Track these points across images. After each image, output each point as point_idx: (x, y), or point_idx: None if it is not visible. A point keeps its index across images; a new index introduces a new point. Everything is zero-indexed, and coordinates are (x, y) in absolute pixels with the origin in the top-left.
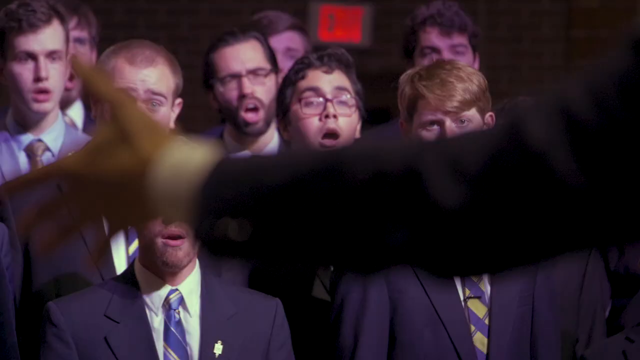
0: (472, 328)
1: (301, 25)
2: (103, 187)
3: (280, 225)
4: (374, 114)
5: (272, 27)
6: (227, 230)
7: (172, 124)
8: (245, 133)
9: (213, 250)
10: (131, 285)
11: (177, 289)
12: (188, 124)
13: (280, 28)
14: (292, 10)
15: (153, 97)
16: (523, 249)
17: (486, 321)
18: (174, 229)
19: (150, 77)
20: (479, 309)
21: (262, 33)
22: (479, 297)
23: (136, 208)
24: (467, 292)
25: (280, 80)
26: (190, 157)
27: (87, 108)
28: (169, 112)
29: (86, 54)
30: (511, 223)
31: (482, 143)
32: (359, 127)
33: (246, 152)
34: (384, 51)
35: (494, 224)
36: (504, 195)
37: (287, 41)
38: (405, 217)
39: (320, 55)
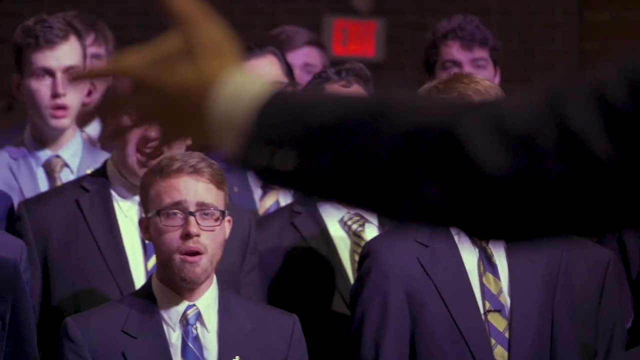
0: (493, 341)
1: (319, 41)
2: (161, 96)
3: (325, 161)
4: None
5: (290, 42)
6: (275, 159)
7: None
8: None
9: (261, 176)
10: (149, 300)
11: (194, 305)
12: None
13: (298, 43)
14: (305, 24)
15: None
16: (554, 220)
17: (506, 334)
18: (191, 245)
19: None
20: (499, 322)
21: (280, 48)
22: (499, 311)
23: (190, 124)
24: (487, 305)
25: None
26: (250, 84)
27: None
28: None
29: None
30: (546, 193)
31: (524, 112)
32: None
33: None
34: (398, 65)
35: (530, 192)
36: (541, 165)
37: (305, 56)
38: (441, 176)
39: (339, 69)
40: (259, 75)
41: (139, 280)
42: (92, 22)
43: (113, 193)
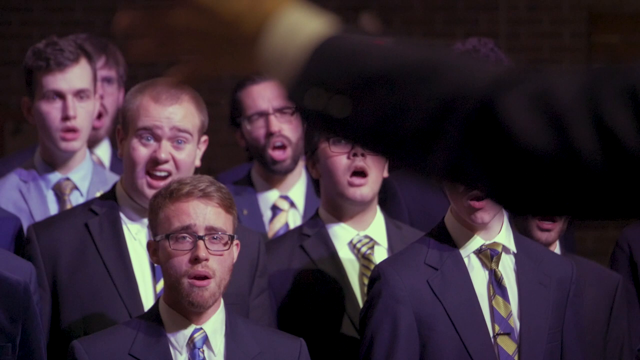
0: None
1: None
2: (215, 22)
3: (366, 110)
4: None
5: None
6: (321, 102)
7: (198, 162)
8: (273, 171)
9: (304, 116)
10: (156, 323)
11: (201, 328)
12: (210, 161)
13: None
14: None
15: (179, 134)
16: (586, 201)
17: (515, 357)
18: (200, 269)
19: (176, 114)
20: (508, 345)
21: None
22: (508, 334)
23: (241, 54)
24: (497, 328)
25: None
26: (307, 22)
27: (115, 147)
28: (194, 150)
29: (114, 93)
30: (579, 175)
31: (568, 94)
32: (386, 165)
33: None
34: None
35: (564, 172)
36: (577, 148)
37: None
38: (474, 144)
39: None
40: (316, 14)
41: (148, 303)
42: (103, 45)
43: (122, 216)
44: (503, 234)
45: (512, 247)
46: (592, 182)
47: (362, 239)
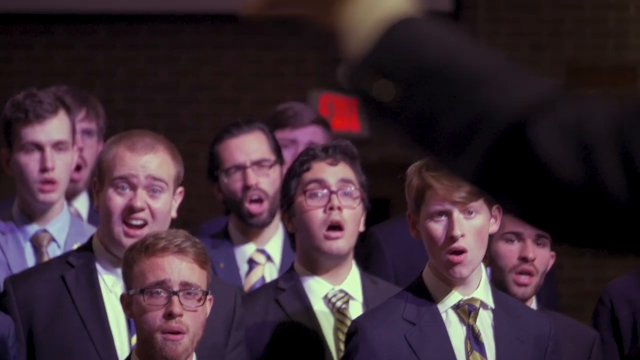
0: None
1: (325, 120)
2: None
3: (416, 104)
4: (373, 204)
5: (298, 120)
6: (376, 86)
7: (174, 213)
8: (250, 224)
9: (356, 95)
10: None
11: None
12: (189, 213)
13: (305, 121)
14: (292, 99)
15: (154, 183)
16: (611, 234)
17: None
18: (174, 325)
19: (151, 163)
20: None
21: (287, 124)
22: None
23: (327, 4)
24: None
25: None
26: (384, 2)
27: (93, 199)
28: (170, 200)
29: (93, 145)
30: (604, 207)
31: (602, 125)
32: (363, 218)
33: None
34: (383, 141)
35: (590, 202)
36: (604, 181)
37: (311, 134)
38: (501, 164)
39: (325, 147)
40: None
41: (123, 356)
42: (84, 98)
43: (98, 268)
44: (481, 290)
45: (490, 302)
46: (615, 216)
47: (337, 293)
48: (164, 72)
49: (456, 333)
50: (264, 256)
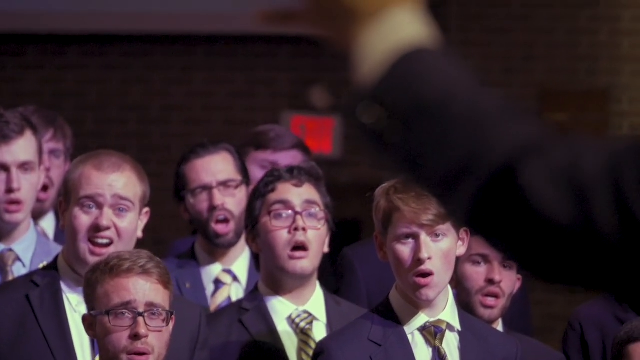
0: None
1: (305, 146)
2: None
3: (412, 141)
4: (344, 225)
5: (280, 142)
6: (372, 117)
7: (140, 233)
8: (216, 244)
9: (356, 126)
10: None
11: None
12: (159, 233)
13: (287, 145)
14: (264, 120)
15: (120, 202)
16: (602, 274)
17: None
18: (140, 346)
19: (118, 182)
20: None
21: (268, 146)
22: None
23: (345, 26)
24: None
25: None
26: (405, 27)
27: (59, 218)
28: (136, 220)
29: (61, 166)
30: (595, 248)
31: (593, 166)
32: (327, 240)
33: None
34: (355, 162)
35: (580, 243)
36: (596, 222)
37: (291, 158)
38: (489, 206)
39: (290, 168)
40: (419, 19)
41: None
42: (51, 118)
43: (63, 287)
44: (448, 312)
45: (457, 324)
46: (607, 256)
47: (300, 314)
48: (135, 92)
49: (422, 355)
50: (230, 276)
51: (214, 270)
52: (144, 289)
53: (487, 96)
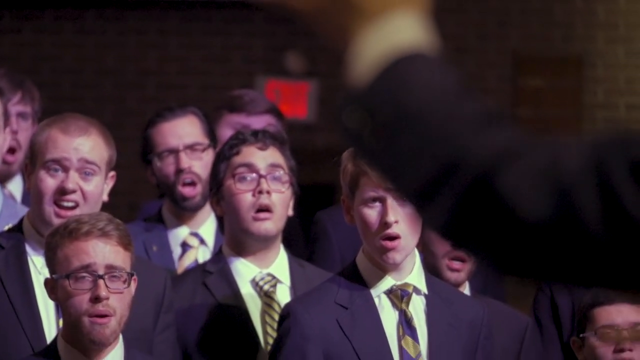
0: None
1: (279, 111)
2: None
3: (391, 150)
4: (319, 190)
5: (253, 106)
6: (364, 128)
7: (105, 197)
8: (183, 208)
9: (343, 129)
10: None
11: None
12: (135, 197)
13: (260, 109)
14: (238, 85)
15: (86, 165)
16: (587, 270)
17: None
18: (101, 308)
19: (84, 145)
20: None
21: (242, 109)
22: None
23: (344, 23)
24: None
25: None
26: (401, 32)
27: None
28: (102, 183)
29: (28, 129)
30: (579, 245)
31: (574, 164)
32: (292, 203)
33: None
34: (329, 127)
35: (563, 241)
36: (580, 219)
37: (265, 123)
38: (468, 214)
39: (255, 132)
40: (418, 25)
41: (51, 337)
42: (19, 81)
43: (28, 249)
44: (415, 275)
45: (424, 288)
46: (595, 252)
47: (264, 277)
48: (110, 57)
49: (388, 318)
50: (197, 239)
51: (181, 233)
52: (103, 251)
53: (468, 104)
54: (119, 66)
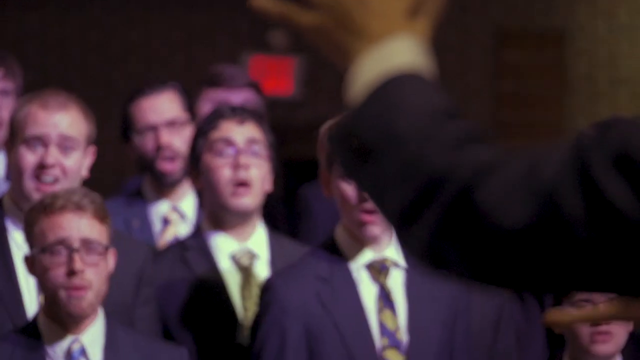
0: None
1: (258, 86)
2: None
3: (373, 173)
4: (304, 165)
5: (232, 81)
6: (352, 149)
7: (85, 172)
8: (163, 183)
9: (335, 149)
10: (33, 336)
11: (78, 339)
12: (123, 173)
13: (239, 84)
14: (223, 61)
15: (65, 141)
16: (572, 274)
17: None
18: (76, 281)
19: (64, 121)
20: (396, 358)
21: (221, 85)
22: (396, 347)
23: (345, 44)
24: (385, 341)
25: None
26: (397, 55)
27: None
28: (81, 158)
29: (10, 104)
30: (564, 248)
31: (553, 168)
32: (270, 178)
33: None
34: (315, 102)
35: (546, 246)
36: (564, 222)
37: (243, 98)
38: (450, 233)
39: (233, 107)
40: (416, 49)
41: (32, 313)
42: (0, 58)
43: (8, 225)
44: (393, 249)
45: (402, 261)
46: (582, 253)
47: (243, 251)
48: (95, 33)
49: (367, 291)
50: (177, 214)
51: (162, 208)
52: (78, 224)
53: (450, 125)
54: (104, 42)
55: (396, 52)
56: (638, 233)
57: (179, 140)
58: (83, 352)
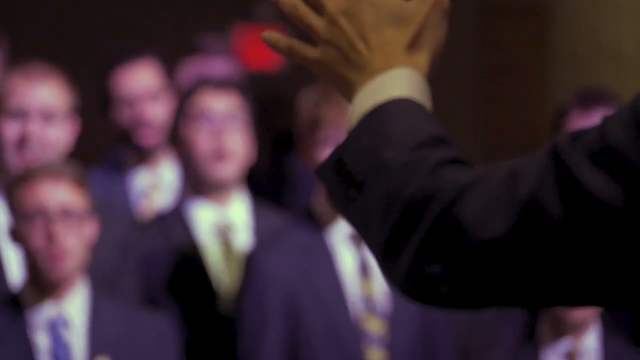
0: (370, 343)
1: (239, 58)
2: (347, 37)
3: (358, 206)
4: (290, 139)
5: (214, 51)
6: (341, 183)
7: (69, 142)
8: (143, 153)
9: (325, 180)
10: (14, 304)
11: (60, 307)
12: (101, 143)
13: (220, 54)
14: (210, 31)
15: (48, 112)
16: (558, 285)
17: (383, 337)
18: (56, 247)
19: (44, 92)
20: (376, 325)
21: (202, 54)
22: (376, 314)
23: (346, 79)
24: (365, 309)
25: None
26: (392, 86)
27: None
28: (65, 129)
29: None
30: (548, 252)
31: (531, 174)
32: (253, 147)
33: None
34: (301, 77)
35: (529, 253)
36: (544, 225)
37: (224, 69)
38: (433, 252)
39: (214, 78)
40: (415, 84)
41: (17, 283)
42: None
43: None
44: None
45: None
46: (572, 256)
47: (223, 220)
48: (84, 6)
49: (348, 260)
50: (158, 183)
51: (143, 177)
52: (55, 192)
53: (431, 151)
54: (95, 15)
55: (393, 84)
56: (625, 222)
57: (158, 110)
58: (66, 319)
